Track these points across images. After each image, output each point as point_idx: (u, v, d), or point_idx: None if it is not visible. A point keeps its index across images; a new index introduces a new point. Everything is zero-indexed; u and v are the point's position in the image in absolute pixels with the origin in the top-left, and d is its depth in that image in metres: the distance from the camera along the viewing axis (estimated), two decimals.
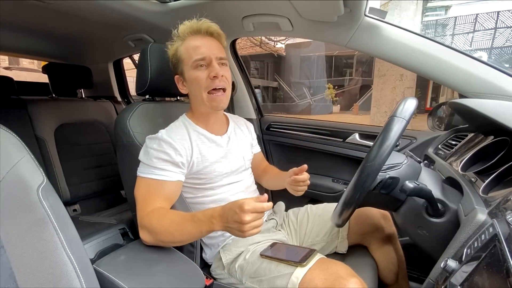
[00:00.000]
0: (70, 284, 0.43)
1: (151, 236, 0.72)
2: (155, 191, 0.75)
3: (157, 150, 0.76)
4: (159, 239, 0.72)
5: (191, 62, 0.80)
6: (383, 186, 0.67)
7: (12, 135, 0.47)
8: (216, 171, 0.86)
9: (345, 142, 1.34)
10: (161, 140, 0.77)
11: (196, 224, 0.66)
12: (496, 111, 0.66)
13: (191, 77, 0.81)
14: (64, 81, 1.63)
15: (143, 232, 0.73)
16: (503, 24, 7.66)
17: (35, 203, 0.43)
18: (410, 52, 0.92)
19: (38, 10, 1.07)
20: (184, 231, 0.68)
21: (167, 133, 0.80)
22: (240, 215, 0.57)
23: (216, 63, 0.80)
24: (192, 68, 0.81)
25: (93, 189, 1.52)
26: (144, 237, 0.73)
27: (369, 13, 0.94)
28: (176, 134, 0.80)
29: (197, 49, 0.80)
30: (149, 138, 0.80)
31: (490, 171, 0.62)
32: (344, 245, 0.95)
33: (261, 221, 0.60)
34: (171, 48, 0.85)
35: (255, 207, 0.57)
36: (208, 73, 0.80)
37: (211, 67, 0.80)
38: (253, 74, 16.21)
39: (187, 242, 0.75)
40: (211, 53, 0.80)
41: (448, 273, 0.44)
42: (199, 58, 0.79)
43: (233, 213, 0.59)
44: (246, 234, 0.59)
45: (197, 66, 0.80)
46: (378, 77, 5.78)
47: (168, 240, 0.72)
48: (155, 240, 0.72)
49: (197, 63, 0.80)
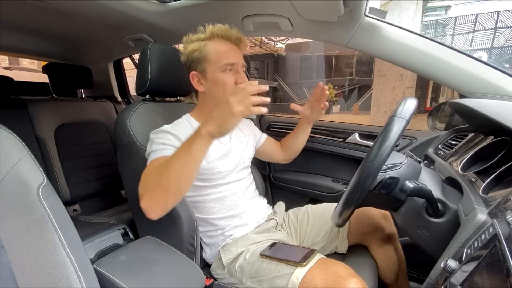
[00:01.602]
0: (70, 284, 0.43)
1: (154, 195, 0.65)
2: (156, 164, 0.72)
3: (163, 139, 0.78)
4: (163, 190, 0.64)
5: (220, 64, 0.82)
6: (383, 186, 0.67)
7: (12, 135, 0.47)
8: (218, 168, 0.86)
9: (345, 142, 1.35)
10: (166, 132, 0.79)
11: (187, 143, 0.64)
12: (496, 111, 0.66)
13: (217, 78, 0.83)
14: (64, 81, 1.63)
15: (144, 200, 0.66)
16: (503, 24, 7.67)
17: (35, 203, 0.43)
18: (410, 52, 0.92)
19: (38, 10, 1.07)
20: (181, 156, 0.64)
21: (172, 127, 0.82)
22: (226, 100, 0.60)
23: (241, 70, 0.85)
24: (219, 70, 0.83)
25: (93, 189, 1.52)
26: (146, 204, 0.66)
27: (369, 13, 0.94)
28: (181, 129, 0.82)
29: (228, 53, 0.83)
30: (153, 132, 0.82)
31: (490, 171, 0.62)
32: (344, 245, 0.95)
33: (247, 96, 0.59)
34: (190, 44, 0.84)
35: (235, 89, 0.61)
36: (235, 79, 0.83)
37: (239, 74, 0.84)
38: (253, 74, 16.21)
39: (187, 175, 0.65)
40: (239, 60, 0.84)
41: (448, 273, 0.44)
42: (230, 63, 0.82)
43: (220, 109, 0.61)
44: (236, 110, 0.59)
45: (225, 70, 0.83)
46: (378, 77, 5.77)
47: (171, 182, 0.63)
48: (159, 198, 0.65)
49: (226, 67, 0.82)
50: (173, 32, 1.21)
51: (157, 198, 0.65)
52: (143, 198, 0.67)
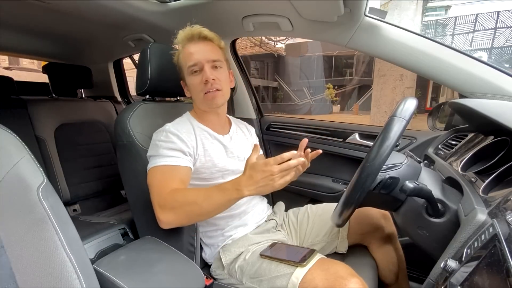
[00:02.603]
0: (70, 284, 0.43)
1: (176, 214, 0.71)
2: (170, 175, 0.76)
3: (165, 141, 0.79)
4: (185, 215, 0.71)
5: (186, 68, 0.85)
6: (383, 186, 0.67)
7: (12, 135, 0.47)
8: (217, 167, 0.87)
9: (345, 142, 1.34)
10: (168, 132, 0.80)
11: (224, 193, 0.67)
12: (496, 111, 0.66)
13: (189, 82, 0.87)
14: (64, 81, 1.63)
15: (165, 213, 0.71)
16: (503, 24, 7.66)
17: (35, 203, 0.43)
18: (410, 52, 0.92)
19: (38, 10, 1.07)
20: (213, 201, 0.68)
21: (174, 126, 0.83)
22: (269, 169, 0.61)
23: (209, 66, 0.84)
24: (188, 74, 0.86)
25: (93, 189, 1.52)
26: (165, 218, 0.71)
27: (369, 13, 0.94)
28: (182, 128, 0.83)
29: (190, 56, 0.84)
30: (155, 133, 0.83)
31: (490, 171, 0.62)
32: (344, 245, 0.95)
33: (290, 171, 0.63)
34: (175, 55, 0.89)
35: (276, 159, 0.62)
36: (201, 78, 0.84)
37: (203, 72, 0.84)
38: (253, 74, 16.22)
39: (214, 214, 0.73)
40: (202, 58, 0.84)
41: (448, 273, 0.44)
42: (191, 65, 0.84)
43: (261, 172, 0.62)
44: (278, 184, 0.62)
45: (192, 72, 0.85)
46: (378, 77, 5.77)
47: (195, 213, 0.71)
48: (179, 218, 0.72)
49: (191, 69, 0.85)
50: (173, 32, 1.21)
51: (180, 221, 0.74)
52: (164, 213, 0.72)
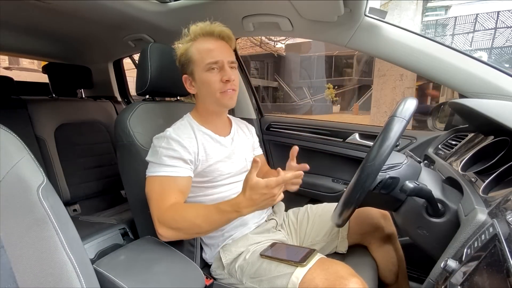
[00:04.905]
0: (70, 284, 0.43)
1: (174, 232, 0.72)
2: (169, 187, 0.76)
3: (166, 148, 0.78)
4: (184, 233, 0.73)
5: (203, 64, 0.81)
6: (383, 186, 0.67)
7: (12, 135, 0.47)
8: (219, 170, 0.86)
9: (345, 142, 1.34)
10: (169, 138, 0.79)
11: (223, 214, 0.68)
12: (496, 111, 0.66)
13: (203, 79, 0.82)
14: (64, 81, 1.63)
15: (163, 228, 0.72)
16: (503, 24, 7.65)
17: (35, 203, 0.43)
18: (410, 52, 0.92)
19: (38, 10, 1.07)
20: (212, 222, 0.70)
21: (175, 132, 0.81)
22: (270, 192, 0.63)
23: (228, 66, 0.82)
24: (204, 70, 0.82)
25: (93, 189, 1.52)
26: (164, 233, 0.73)
27: (369, 13, 0.94)
28: (183, 133, 0.82)
29: (210, 52, 0.81)
30: (156, 138, 0.81)
31: (490, 171, 0.62)
32: (344, 245, 0.95)
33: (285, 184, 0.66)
34: (180, 47, 0.85)
35: (278, 181, 0.62)
36: (221, 76, 0.81)
37: (224, 71, 0.81)
38: (253, 74, 16.21)
39: (213, 231, 0.77)
40: (223, 57, 0.81)
41: (448, 273, 0.44)
42: (213, 62, 0.81)
43: (261, 195, 0.63)
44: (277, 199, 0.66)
45: (209, 69, 0.81)
46: (378, 77, 5.76)
47: (194, 232, 0.74)
48: (178, 235, 0.73)
49: (210, 66, 0.81)
50: (173, 32, 1.20)
51: (179, 237, 0.75)
52: (162, 229, 0.72)
